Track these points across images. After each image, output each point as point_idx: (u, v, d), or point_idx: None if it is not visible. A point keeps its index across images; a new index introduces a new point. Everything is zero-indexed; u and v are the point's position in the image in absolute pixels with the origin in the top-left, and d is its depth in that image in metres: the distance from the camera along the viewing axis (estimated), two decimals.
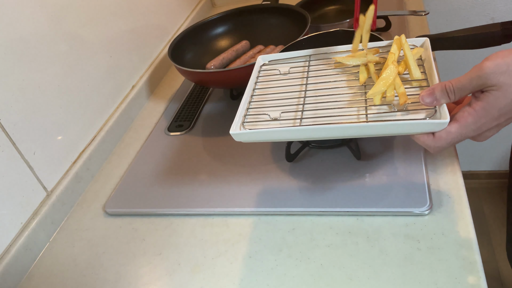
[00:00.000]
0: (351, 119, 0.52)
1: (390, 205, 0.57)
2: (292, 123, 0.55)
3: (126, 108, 0.91)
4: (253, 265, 0.55)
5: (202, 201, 0.66)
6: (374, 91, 0.51)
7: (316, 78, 0.62)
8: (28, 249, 0.65)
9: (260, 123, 0.56)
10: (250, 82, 0.63)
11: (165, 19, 1.13)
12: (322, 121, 0.53)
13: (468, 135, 0.47)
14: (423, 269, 0.49)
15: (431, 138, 0.48)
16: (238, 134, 0.54)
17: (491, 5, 1.31)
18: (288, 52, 0.67)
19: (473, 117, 0.45)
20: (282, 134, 0.53)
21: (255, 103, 0.60)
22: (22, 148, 0.66)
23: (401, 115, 0.50)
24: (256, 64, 0.67)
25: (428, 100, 0.48)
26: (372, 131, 0.50)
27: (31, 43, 0.69)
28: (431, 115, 0.48)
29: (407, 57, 0.53)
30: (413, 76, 0.53)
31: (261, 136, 0.54)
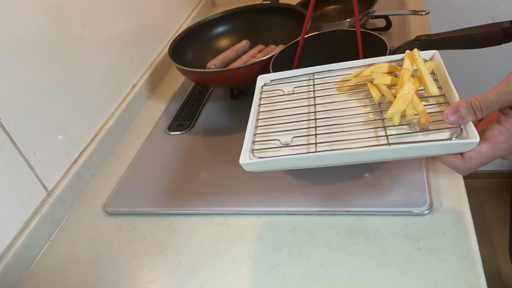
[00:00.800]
0: (371, 141, 0.47)
1: (390, 205, 0.57)
2: (305, 148, 0.50)
3: (126, 107, 0.91)
4: (253, 265, 0.55)
5: (202, 201, 0.66)
6: (394, 110, 0.47)
7: (324, 98, 0.57)
8: (28, 248, 0.65)
9: (271, 150, 0.51)
10: (254, 104, 0.58)
11: (165, 19, 1.13)
12: (338, 145, 0.48)
13: (499, 154, 0.44)
14: (423, 269, 0.49)
15: (460, 159, 0.44)
16: (249, 164, 0.49)
17: (492, 5, 1.30)
18: (290, 71, 0.63)
19: (504, 136, 0.43)
20: (298, 162, 0.48)
21: (262, 128, 0.55)
22: (23, 147, 0.66)
23: (423, 136, 0.46)
24: (257, 85, 0.62)
25: (453, 118, 0.44)
26: (397, 154, 0.46)
27: (31, 43, 0.69)
28: (457, 134, 0.45)
29: (422, 72, 0.50)
30: (430, 92, 0.49)
31: (275, 164, 0.48)
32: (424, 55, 0.56)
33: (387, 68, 0.55)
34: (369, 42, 0.72)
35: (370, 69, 0.55)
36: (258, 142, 0.53)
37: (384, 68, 0.55)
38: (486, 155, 0.43)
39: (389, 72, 0.55)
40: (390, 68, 0.55)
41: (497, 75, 1.45)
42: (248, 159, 0.50)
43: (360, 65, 0.59)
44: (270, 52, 0.89)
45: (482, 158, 0.43)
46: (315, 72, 0.62)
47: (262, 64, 0.77)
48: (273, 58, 0.76)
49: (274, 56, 0.76)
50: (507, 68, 1.42)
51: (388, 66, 0.55)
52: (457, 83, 1.51)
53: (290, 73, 0.63)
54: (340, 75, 0.60)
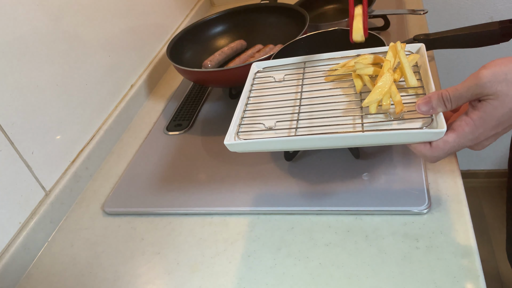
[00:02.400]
0: (347, 128, 0.51)
1: (388, 204, 0.57)
2: (287, 132, 0.54)
3: (125, 107, 0.91)
4: (252, 264, 0.55)
5: (201, 200, 0.66)
6: (370, 100, 0.50)
7: (311, 86, 0.60)
8: (26, 248, 0.65)
9: (255, 133, 0.55)
10: (245, 90, 0.62)
11: (164, 18, 1.12)
12: (317, 130, 0.52)
13: (465, 144, 0.46)
14: (422, 268, 0.49)
15: (428, 147, 0.47)
16: (232, 145, 0.53)
17: (490, 4, 1.31)
18: (283, 59, 0.66)
19: (470, 127, 0.45)
20: (276, 144, 0.52)
21: (250, 112, 0.59)
22: (21, 147, 0.66)
23: (398, 124, 0.49)
24: (251, 71, 0.66)
25: (424, 108, 0.47)
26: (368, 141, 0.49)
27: (29, 43, 0.69)
28: (427, 124, 0.47)
29: (403, 64, 0.52)
30: (409, 84, 0.52)
31: (256, 146, 0.53)
32: (410, 47, 0.58)
33: (372, 59, 0.57)
34: (367, 42, 0.72)
35: (356, 59, 0.57)
36: (244, 125, 0.57)
37: (370, 59, 0.57)
38: (453, 145, 0.46)
39: (374, 63, 0.57)
40: (375, 59, 0.57)
41: None
42: (233, 140, 0.54)
43: (349, 56, 0.62)
44: (268, 52, 0.89)
45: (448, 148, 0.46)
46: (306, 61, 0.64)
47: None
48: (272, 57, 0.75)
49: (273, 56, 0.76)
50: None
51: (373, 57, 0.57)
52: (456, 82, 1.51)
53: (283, 61, 0.66)
54: (330, 64, 0.63)
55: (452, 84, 1.53)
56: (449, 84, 1.52)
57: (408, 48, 0.59)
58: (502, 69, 0.42)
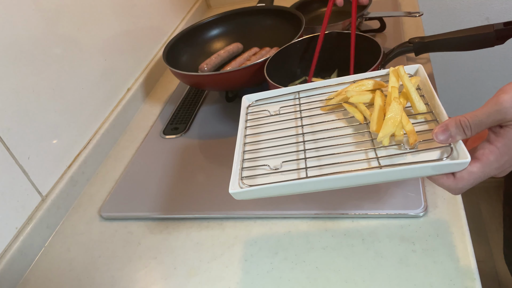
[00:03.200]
0: (361, 164, 0.47)
1: (385, 207, 0.57)
2: (296, 173, 0.48)
3: (121, 111, 0.91)
4: (248, 268, 0.55)
5: (198, 205, 0.66)
6: (384, 133, 0.46)
7: (311, 118, 0.56)
8: (23, 254, 0.65)
9: (260, 176, 0.49)
10: (240, 127, 0.57)
11: (160, 21, 1.12)
12: (328, 169, 0.47)
13: (490, 174, 0.44)
14: (418, 271, 0.49)
15: (452, 179, 0.44)
16: (239, 193, 0.47)
17: (486, 5, 1.31)
18: (275, 90, 0.61)
19: (495, 155, 0.43)
20: (289, 188, 0.47)
21: (250, 153, 0.54)
22: (16, 152, 0.66)
23: (413, 155, 0.46)
24: (242, 106, 0.61)
25: (442, 137, 0.44)
26: (389, 177, 0.45)
27: (25, 47, 0.69)
28: (447, 153, 0.44)
29: (408, 89, 0.49)
30: (417, 110, 0.49)
31: (266, 192, 0.47)
32: (408, 69, 0.55)
33: (372, 85, 0.53)
34: (362, 45, 0.72)
35: (352, 87, 0.53)
36: (246, 168, 0.51)
37: (369, 85, 0.53)
38: (478, 175, 0.43)
39: (375, 89, 0.53)
40: (375, 85, 0.53)
41: (492, 75, 1.45)
42: (238, 188, 0.48)
43: (345, 82, 0.58)
44: (264, 54, 0.89)
45: (473, 178, 0.43)
46: (300, 91, 0.60)
47: (257, 67, 0.77)
48: (268, 60, 0.76)
49: (269, 59, 0.76)
50: (502, 69, 1.43)
51: (373, 83, 0.54)
52: (452, 84, 1.52)
53: (275, 92, 0.61)
54: (326, 92, 0.59)
55: (448, 86, 1.54)
56: (445, 86, 1.52)
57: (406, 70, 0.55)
58: None
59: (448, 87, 1.52)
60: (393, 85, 0.50)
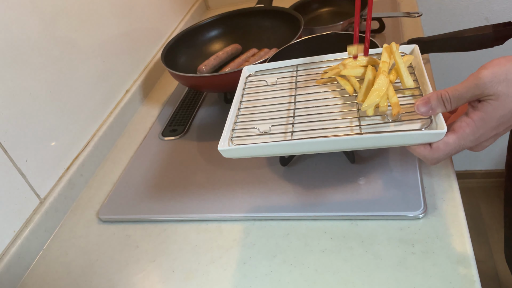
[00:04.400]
0: (345, 131, 0.50)
1: (384, 209, 0.57)
2: (283, 137, 0.52)
3: (119, 113, 0.90)
4: (247, 271, 0.55)
5: (196, 207, 0.66)
6: (368, 103, 0.49)
7: (305, 89, 0.59)
8: (21, 257, 0.65)
9: (250, 138, 0.54)
10: (237, 94, 0.61)
11: (158, 23, 1.12)
12: (314, 134, 0.51)
13: (466, 145, 0.46)
14: (418, 274, 0.49)
15: (428, 149, 0.46)
16: (226, 150, 0.52)
17: (485, 5, 1.31)
18: (274, 62, 0.65)
19: (471, 128, 0.44)
20: (273, 149, 0.51)
21: (243, 116, 0.58)
22: (14, 155, 0.66)
23: (395, 126, 0.48)
24: (242, 75, 0.64)
25: (423, 109, 0.46)
26: (367, 143, 0.48)
27: (22, 49, 0.68)
28: (427, 125, 0.46)
29: (399, 65, 0.52)
30: (406, 85, 0.51)
31: (251, 151, 0.51)
32: (405, 49, 0.58)
33: (366, 61, 0.56)
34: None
35: (347, 61, 0.56)
36: (238, 130, 0.55)
37: (363, 61, 0.56)
38: (453, 146, 0.45)
39: (368, 65, 0.56)
40: (369, 61, 0.56)
41: None
42: (227, 146, 0.52)
43: (342, 58, 0.61)
44: (263, 56, 0.88)
45: (449, 149, 0.45)
46: (298, 64, 0.63)
47: None
48: (266, 62, 0.75)
49: (268, 60, 0.76)
50: None
51: (367, 59, 0.56)
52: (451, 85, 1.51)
53: (275, 65, 0.64)
54: (323, 67, 0.62)
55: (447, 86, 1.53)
56: (444, 85, 1.52)
57: (402, 49, 0.59)
58: (502, 69, 0.42)
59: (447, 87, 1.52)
60: (384, 60, 0.53)
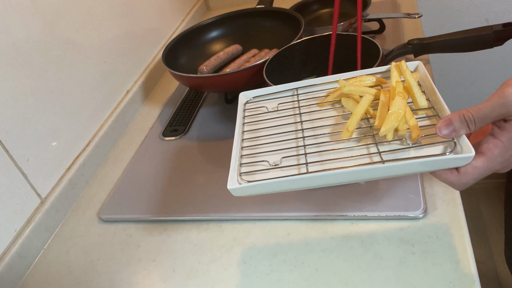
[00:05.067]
0: (363, 159, 0.46)
1: (384, 209, 0.57)
2: (296, 169, 0.47)
3: (120, 113, 0.91)
4: (247, 271, 0.55)
5: (197, 207, 0.66)
6: (386, 127, 0.45)
7: (310, 115, 0.55)
8: (22, 257, 0.65)
9: (259, 172, 0.48)
10: (237, 124, 0.56)
11: (159, 23, 1.12)
12: (330, 163, 0.47)
13: (494, 168, 0.43)
14: (418, 273, 0.49)
15: (456, 174, 0.43)
16: (238, 189, 0.46)
17: (486, 6, 1.31)
18: (272, 87, 0.60)
19: (499, 149, 0.42)
20: (290, 184, 0.45)
21: (248, 149, 0.53)
22: (15, 155, 0.66)
23: (416, 151, 0.45)
24: (239, 103, 0.60)
25: (446, 132, 0.43)
26: (392, 172, 0.44)
27: (23, 49, 0.68)
28: (451, 148, 0.43)
29: (411, 85, 0.49)
30: (419, 105, 0.49)
31: (266, 188, 0.46)
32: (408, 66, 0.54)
33: (371, 82, 0.53)
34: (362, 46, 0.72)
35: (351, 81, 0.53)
36: (245, 164, 0.50)
37: (370, 81, 0.53)
38: (482, 170, 0.42)
39: (375, 85, 0.53)
40: (375, 81, 0.53)
41: (491, 77, 1.45)
42: (237, 184, 0.46)
43: (344, 79, 0.57)
44: (264, 56, 0.89)
45: (478, 173, 0.42)
46: (298, 87, 0.59)
47: (256, 69, 0.77)
48: (267, 62, 0.76)
49: (268, 61, 0.76)
50: (501, 70, 1.43)
51: (375, 79, 0.53)
52: (451, 85, 1.52)
53: (273, 89, 0.60)
54: (325, 89, 0.58)
55: (447, 86, 1.54)
56: (444, 86, 1.52)
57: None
58: None
59: (447, 89, 1.52)
60: (397, 80, 0.50)
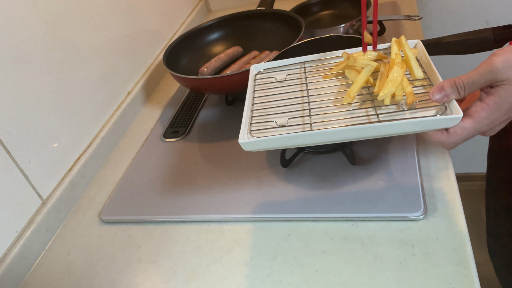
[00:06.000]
0: (362, 120, 0.51)
1: (384, 210, 0.57)
2: (301, 128, 0.53)
3: (121, 114, 0.91)
4: (248, 272, 0.55)
5: (197, 208, 0.66)
6: (385, 92, 0.51)
7: (316, 84, 0.61)
8: (23, 257, 0.65)
9: (268, 131, 0.54)
10: (248, 91, 0.62)
11: (160, 25, 1.13)
12: (332, 123, 0.52)
13: (481, 129, 0.47)
14: (418, 275, 0.49)
15: (446, 134, 0.48)
16: (248, 143, 0.52)
17: (486, 8, 1.31)
18: (282, 60, 0.66)
19: (486, 112, 0.46)
20: (295, 140, 0.51)
21: (258, 111, 0.58)
22: (17, 156, 0.66)
23: (410, 114, 0.50)
24: (250, 74, 0.66)
25: (438, 96, 0.48)
26: (387, 130, 0.49)
27: (25, 51, 0.69)
28: (441, 111, 0.48)
29: (408, 57, 0.54)
30: (415, 76, 0.53)
31: (273, 143, 0.52)
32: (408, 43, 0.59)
33: (373, 56, 0.58)
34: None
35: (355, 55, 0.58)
36: (255, 124, 0.56)
37: (372, 55, 0.58)
38: (470, 130, 0.47)
39: (377, 59, 0.58)
40: (377, 56, 0.58)
41: None
42: (247, 139, 0.52)
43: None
44: (264, 58, 0.89)
45: (466, 133, 0.47)
46: (306, 61, 0.65)
47: None
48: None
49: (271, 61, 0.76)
50: None
51: (376, 53, 0.58)
52: None
53: (282, 62, 0.66)
54: (330, 63, 0.64)
55: None
56: None
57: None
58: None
59: None
60: (397, 52, 0.54)
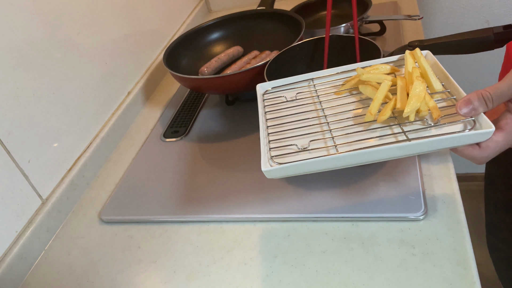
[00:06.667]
0: (389, 139, 0.49)
1: (385, 211, 0.57)
2: (325, 151, 0.50)
3: (121, 114, 0.91)
4: (248, 272, 0.55)
5: (197, 208, 0.66)
6: (410, 109, 0.48)
7: (329, 102, 0.58)
8: (23, 257, 0.65)
9: (289, 155, 0.51)
10: (260, 113, 0.58)
11: (161, 25, 1.13)
12: (358, 144, 0.49)
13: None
14: (418, 275, 0.49)
15: (477, 149, 0.47)
16: (271, 171, 0.48)
17: (486, 8, 1.31)
18: (289, 78, 0.63)
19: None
20: (322, 164, 0.48)
21: (274, 135, 0.55)
22: (17, 156, 0.66)
23: (437, 129, 0.48)
24: (258, 94, 0.63)
25: (466, 110, 0.46)
26: (417, 149, 0.47)
27: (26, 51, 0.69)
28: (470, 125, 0.46)
29: (426, 70, 0.53)
30: (434, 89, 0.52)
31: (298, 169, 0.48)
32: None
33: (386, 69, 0.57)
34: (362, 48, 0.72)
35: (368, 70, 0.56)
36: (274, 148, 0.52)
37: (383, 69, 0.57)
38: (502, 143, 0.46)
39: (390, 73, 0.57)
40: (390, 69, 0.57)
41: (491, 78, 1.45)
42: (269, 166, 0.49)
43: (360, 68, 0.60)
44: (264, 58, 0.89)
45: (498, 147, 0.46)
46: (314, 78, 0.62)
47: (256, 70, 0.77)
48: (268, 64, 0.76)
49: (269, 62, 0.76)
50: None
51: (389, 67, 0.57)
52: None
53: (289, 80, 0.63)
54: (340, 78, 0.61)
55: None
56: None
57: None
58: None
59: None
60: (414, 66, 0.53)
